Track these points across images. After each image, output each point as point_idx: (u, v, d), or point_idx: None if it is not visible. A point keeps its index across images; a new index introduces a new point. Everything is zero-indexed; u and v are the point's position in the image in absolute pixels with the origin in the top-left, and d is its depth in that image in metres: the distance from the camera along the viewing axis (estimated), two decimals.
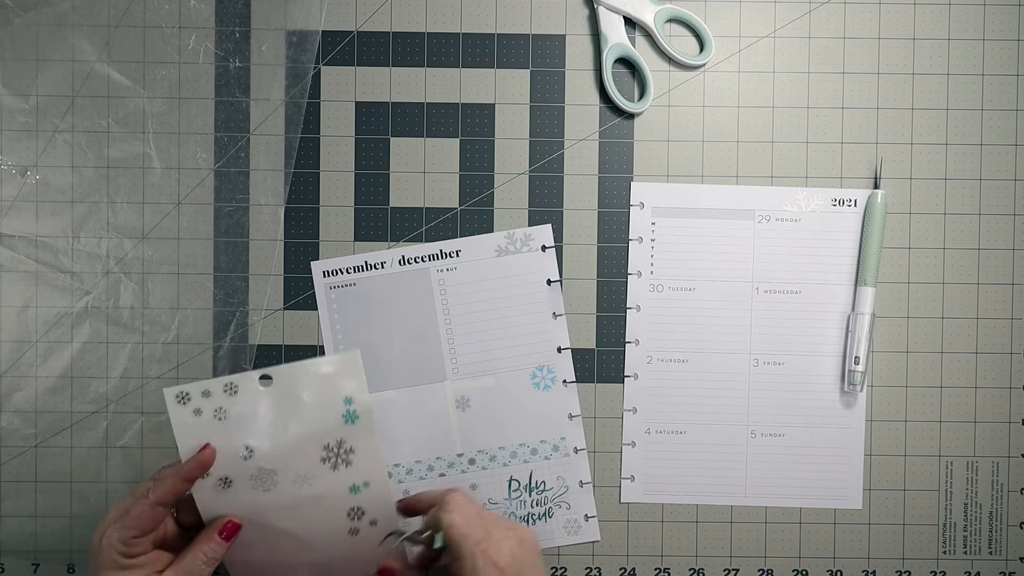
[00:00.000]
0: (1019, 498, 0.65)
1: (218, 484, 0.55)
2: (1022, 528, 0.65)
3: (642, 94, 0.65)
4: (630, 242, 0.65)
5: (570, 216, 0.65)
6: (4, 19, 0.64)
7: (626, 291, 0.65)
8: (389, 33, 0.65)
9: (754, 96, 0.65)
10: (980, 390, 0.65)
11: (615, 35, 0.64)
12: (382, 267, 0.65)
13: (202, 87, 0.65)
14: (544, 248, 0.65)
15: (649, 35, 0.65)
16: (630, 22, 0.65)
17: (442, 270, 0.65)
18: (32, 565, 0.65)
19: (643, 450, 0.65)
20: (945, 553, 0.65)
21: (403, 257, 0.65)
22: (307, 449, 0.55)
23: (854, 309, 0.64)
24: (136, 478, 0.64)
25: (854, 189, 0.65)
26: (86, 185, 0.65)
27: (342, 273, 0.65)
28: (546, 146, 0.65)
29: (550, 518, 0.65)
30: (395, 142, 0.65)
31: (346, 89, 0.65)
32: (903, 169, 0.65)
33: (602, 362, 0.65)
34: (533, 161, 0.65)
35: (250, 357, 0.65)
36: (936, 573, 0.65)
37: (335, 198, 0.65)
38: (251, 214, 0.65)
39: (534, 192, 0.65)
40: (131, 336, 0.65)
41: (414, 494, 0.57)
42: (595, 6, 0.64)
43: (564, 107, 0.65)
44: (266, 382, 0.55)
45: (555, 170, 0.65)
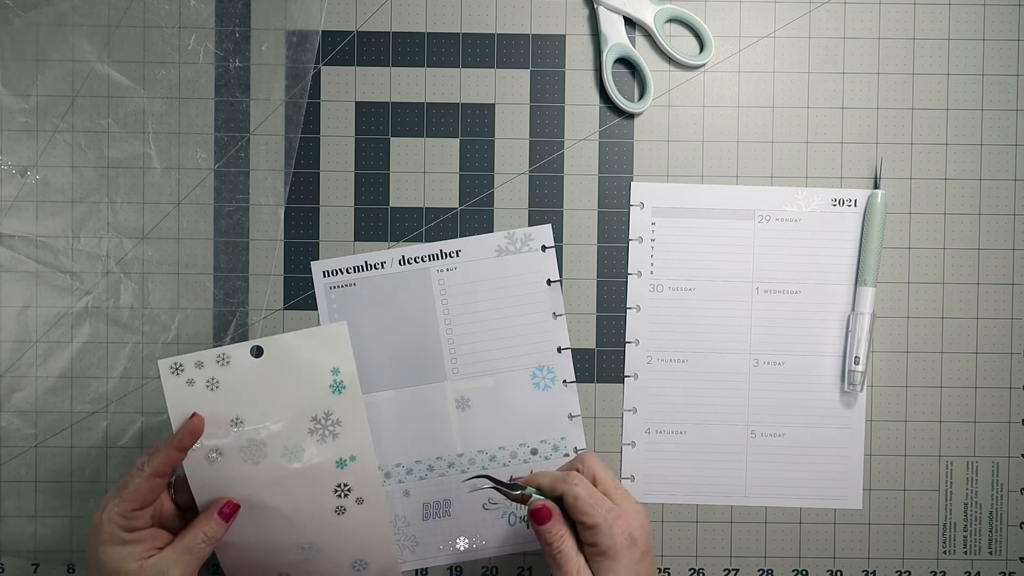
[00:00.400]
0: (1019, 498, 0.65)
1: (209, 455, 0.56)
2: (1022, 528, 0.65)
3: (642, 94, 0.65)
4: (630, 242, 0.65)
5: (570, 216, 0.65)
6: (4, 19, 0.64)
7: (626, 291, 0.65)
8: (389, 33, 0.65)
9: (754, 96, 0.65)
10: (980, 390, 0.65)
11: (615, 35, 0.64)
12: (382, 267, 0.65)
13: (202, 87, 0.65)
14: (544, 248, 0.65)
15: (649, 35, 0.65)
16: (630, 22, 0.65)
17: (442, 270, 0.65)
18: (32, 565, 0.65)
19: (643, 450, 0.65)
20: (945, 553, 0.65)
21: (403, 257, 0.65)
22: (295, 420, 0.57)
23: (854, 309, 0.64)
24: None
25: (854, 189, 0.65)
26: (86, 185, 0.65)
27: (342, 273, 0.65)
28: (546, 146, 0.65)
29: None
30: (395, 142, 0.65)
31: (346, 89, 0.65)
32: (903, 169, 0.65)
33: (602, 362, 0.65)
34: (533, 161, 0.65)
35: None
36: (936, 573, 0.65)
37: (335, 198, 0.65)
38: (251, 214, 0.65)
39: (534, 192, 0.65)
40: (131, 336, 0.65)
41: (535, 472, 0.56)
42: (595, 6, 0.64)
43: (564, 107, 0.65)
44: (257, 352, 0.56)
45: (555, 170, 0.65)
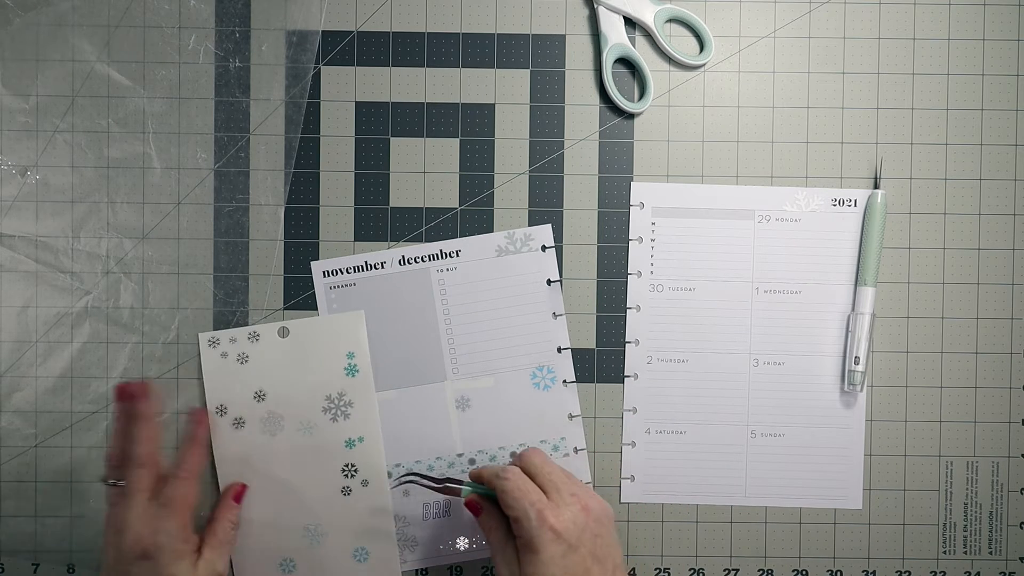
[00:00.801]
0: (1019, 498, 0.65)
1: (233, 423, 0.64)
2: (1022, 528, 0.65)
3: (642, 94, 0.65)
4: (630, 242, 0.65)
5: (570, 216, 0.65)
6: (4, 19, 0.64)
7: (626, 291, 0.65)
8: (389, 33, 0.65)
9: (754, 96, 0.65)
10: (980, 390, 0.65)
11: (615, 35, 0.64)
12: (382, 267, 0.65)
13: (202, 87, 0.65)
14: (544, 248, 0.65)
15: (649, 35, 0.65)
16: (630, 22, 0.65)
17: (442, 270, 0.65)
18: (32, 565, 0.65)
19: (643, 450, 0.65)
20: (945, 553, 0.65)
21: (403, 257, 0.65)
22: (311, 397, 0.64)
23: (854, 309, 0.64)
24: None
25: (854, 189, 0.65)
26: (86, 185, 0.65)
27: (342, 273, 0.65)
28: (546, 146, 0.65)
29: None
30: (395, 142, 0.65)
31: (346, 89, 0.65)
32: (903, 169, 0.65)
33: (602, 362, 0.65)
34: (533, 161, 0.65)
35: None
36: (936, 573, 0.65)
37: (335, 198, 0.65)
38: (251, 214, 0.65)
39: (534, 192, 0.65)
40: (131, 336, 0.65)
41: (480, 467, 0.60)
42: (595, 6, 0.64)
43: (564, 107, 0.65)
44: (284, 332, 0.64)
45: (555, 170, 0.65)
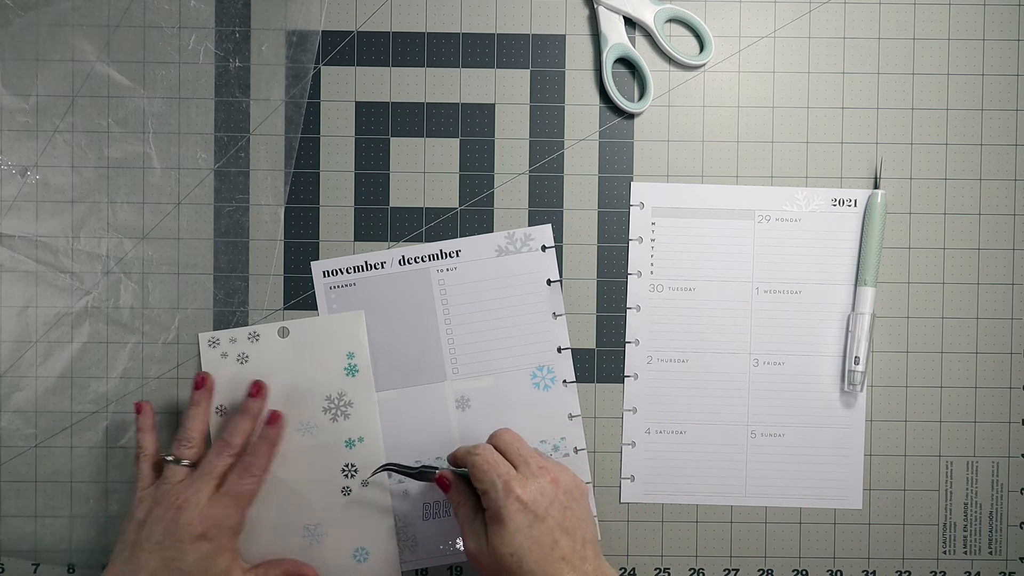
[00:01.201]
0: (1019, 498, 0.65)
1: None
2: (1022, 528, 0.65)
3: (642, 94, 0.65)
4: (630, 242, 0.65)
5: (570, 216, 0.65)
6: (4, 19, 0.64)
7: (626, 291, 0.65)
8: (389, 33, 0.65)
9: (754, 96, 0.65)
10: (980, 390, 0.65)
11: (615, 35, 0.64)
12: (382, 267, 0.65)
13: (202, 87, 0.65)
14: (544, 248, 0.65)
15: (649, 35, 0.65)
16: (630, 22, 0.65)
17: (442, 270, 0.65)
18: (32, 565, 0.65)
19: (643, 450, 0.65)
20: (945, 553, 0.65)
21: (403, 257, 0.65)
22: (311, 398, 0.63)
23: (854, 309, 0.64)
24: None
25: (854, 189, 0.65)
26: (86, 185, 0.65)
27: (342, 273, 0.65)
28: (546, 146, 0.65)
29: None
30: (395, 142, 0.65)
31: (346, 89, 0.65)
32: (903, 169, 0.65)
33: (602, 362, 0.65)
34: (533, 161, 0.65)
35: None
36: (936, 573, 0.65)
37: (335, 198, 0.65)
38: (251, 214, 0.65)
39: (534, 192, 0.65)
40: (131, 336, 0.65)
41: (456, 449, 0.60)
42: (595, 6, 0.64)
43: (564, 107, 0.65)
44: (284, 333, 0.63)
45: (555, 170, 0.65)
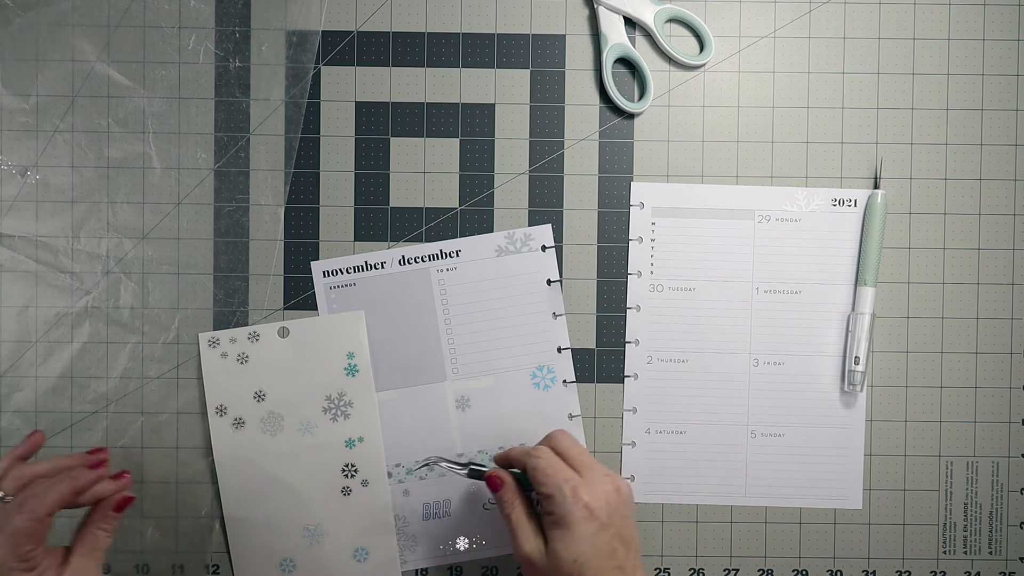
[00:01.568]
0: (1019, 498, 0.65)
1: (233, 423, 0.63)
2: (1022, 528, 0.65)
3: (642, 94, 0.65)
4: (630, 242, 0.65)
5: (570, 216, 0.65)
6: (4, 19, 0.64)
7: (626, 291, 0.65)
8: (389, 33, 0.65)
9: (754, 96, 0.65)
10: (980, 390, 0.65)
11: (615, 35, 0.64)
12: (382, 267, 0.65)
13: (202, 87, 0.65)
14: (544, 248, 0.65)
15: (649, 35, 0.65)
16: (630, 22, 0.65)
17: (442, 270, 0.65)
18: None
19: (643, 450, 0.65)
20: (945, 553, 0.65)
21: (403, 257, 0.65)
22: (311, 397, 0.63)
23: (854, 309, 0.64)
24: (136, 478, 0.64)
25: (854, 189, 0.65)
26: (86, 185, 0.65)
27: (342, 273, 0.65)
28: (546, 146, 0.65)
29: None
30: (395, 142, 0.65)
31: (346, 89, 0.65)
32: (903, 169, 0.65)
33: (602, 362, 0.65)
34: (533, 161, 0.65)
35: None
36: (936, 573, 0.65)
37: (335, 198, 0.65)
38: (251, 214, 0.65)
39: (534, 192, 0.65)
40: (131, 336, 0.65)
41: (510, 448, 0.60)
42: (595, 6, 0.64)
43: (564, 107, 0.65)
44: (284, 333, 0.63)
45: (555, 170, 0.65)
